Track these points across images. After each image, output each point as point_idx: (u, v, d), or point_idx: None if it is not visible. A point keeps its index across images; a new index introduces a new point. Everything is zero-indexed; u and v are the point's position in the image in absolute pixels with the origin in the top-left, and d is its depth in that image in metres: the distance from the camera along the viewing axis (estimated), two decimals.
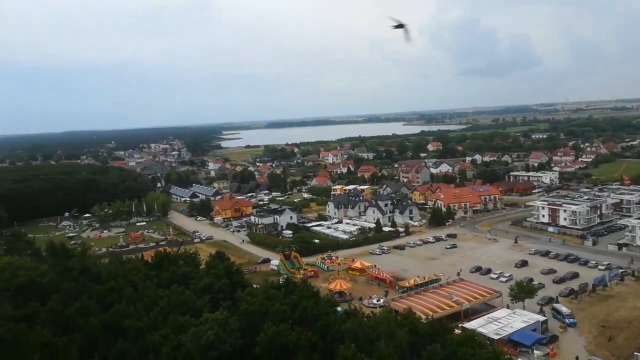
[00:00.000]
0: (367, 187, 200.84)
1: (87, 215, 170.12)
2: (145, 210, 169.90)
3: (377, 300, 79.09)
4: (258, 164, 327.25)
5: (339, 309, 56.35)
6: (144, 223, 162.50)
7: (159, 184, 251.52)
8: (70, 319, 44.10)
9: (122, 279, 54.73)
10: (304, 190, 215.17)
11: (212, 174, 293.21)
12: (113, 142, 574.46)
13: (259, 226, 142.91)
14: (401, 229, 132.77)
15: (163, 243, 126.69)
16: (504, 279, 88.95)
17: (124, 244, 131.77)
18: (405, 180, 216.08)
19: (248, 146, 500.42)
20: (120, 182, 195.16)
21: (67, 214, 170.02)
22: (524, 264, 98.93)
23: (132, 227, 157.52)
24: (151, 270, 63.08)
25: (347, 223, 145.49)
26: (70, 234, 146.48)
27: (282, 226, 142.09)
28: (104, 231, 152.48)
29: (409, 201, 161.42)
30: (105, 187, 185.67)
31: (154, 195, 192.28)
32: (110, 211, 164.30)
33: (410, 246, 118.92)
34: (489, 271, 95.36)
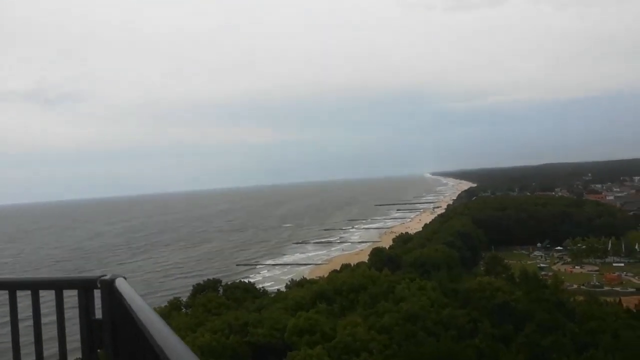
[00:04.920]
0: None
1: (558, 247, 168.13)
2: (623, 250, 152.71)
3: None
4: None
5: None
6: (622, 264, 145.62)
7: None
8: (545, 351, 44.27)
9: (601, 322, 50.74)
10: None
11: None
12: (589, 174, 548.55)
13: None
14: None
15: None
16: None
17: (597, 283, 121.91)
18: None
19: None
20: (596, 216, 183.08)
21: (539, 244, 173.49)
22: None
23: (607, 266, 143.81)
24: (634, 319, 55.68)
25: None
26: (542, 264, 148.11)
27: None
28: (576, 267, 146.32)
29: None
30: (580, 220, 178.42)
31: (636, 234, 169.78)
32: (584, 247, 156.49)
33: None
34: None
